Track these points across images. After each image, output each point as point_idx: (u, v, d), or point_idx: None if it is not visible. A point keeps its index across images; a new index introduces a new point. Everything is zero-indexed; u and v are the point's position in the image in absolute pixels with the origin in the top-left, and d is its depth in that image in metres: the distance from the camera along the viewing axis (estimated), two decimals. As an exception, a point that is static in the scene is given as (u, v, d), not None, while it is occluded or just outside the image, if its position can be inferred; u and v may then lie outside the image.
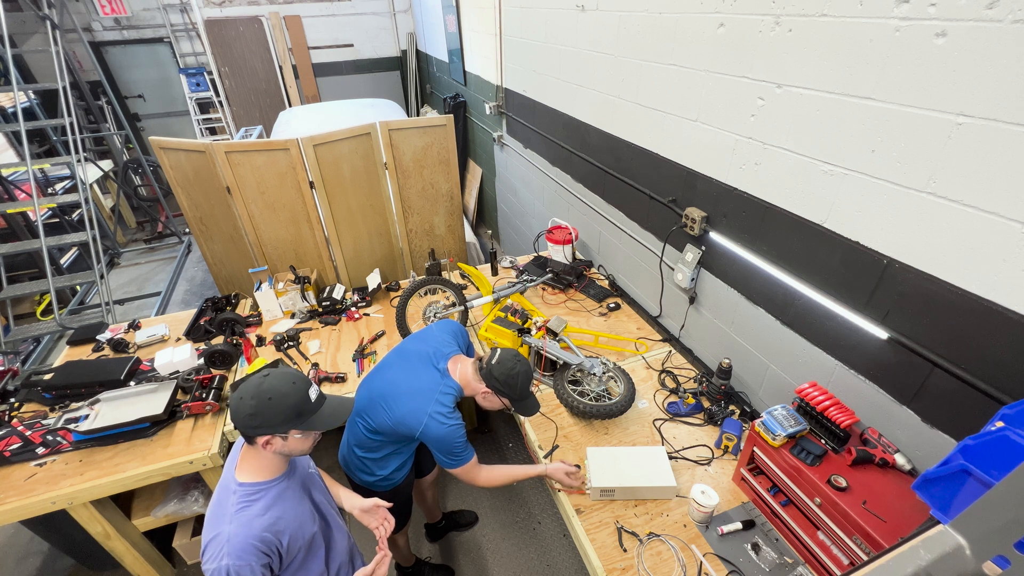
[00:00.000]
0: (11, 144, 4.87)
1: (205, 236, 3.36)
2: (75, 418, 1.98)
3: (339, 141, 3.03)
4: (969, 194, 1.09)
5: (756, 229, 1.71)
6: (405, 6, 7.05)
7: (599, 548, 1.49)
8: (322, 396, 1.27)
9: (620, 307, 2.63)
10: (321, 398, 1.26)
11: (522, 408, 1.66)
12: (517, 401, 1.62)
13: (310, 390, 1.22)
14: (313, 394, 1.23)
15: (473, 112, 4.96)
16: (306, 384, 1.23)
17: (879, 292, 1.34)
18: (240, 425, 1.16)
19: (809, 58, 1.38)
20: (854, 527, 1.22)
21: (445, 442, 1.58)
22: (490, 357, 1.62)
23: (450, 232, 3.78)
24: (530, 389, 1.64)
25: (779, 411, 1.48)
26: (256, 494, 1.23)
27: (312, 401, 1.22)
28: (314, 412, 1.22)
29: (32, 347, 4.01)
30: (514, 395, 1.60)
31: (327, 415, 1.25)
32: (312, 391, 1.23)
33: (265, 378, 1.19)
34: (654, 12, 1.96)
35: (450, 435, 1.57)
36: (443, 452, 1.61)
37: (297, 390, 1.19)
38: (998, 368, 1.12)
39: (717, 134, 1.77)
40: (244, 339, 2.54)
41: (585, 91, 2.63)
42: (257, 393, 1.16)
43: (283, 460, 1.29)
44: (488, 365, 1.60)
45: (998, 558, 0.54)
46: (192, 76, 6.42)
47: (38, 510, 1.80)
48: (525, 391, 1.61)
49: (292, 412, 1.17)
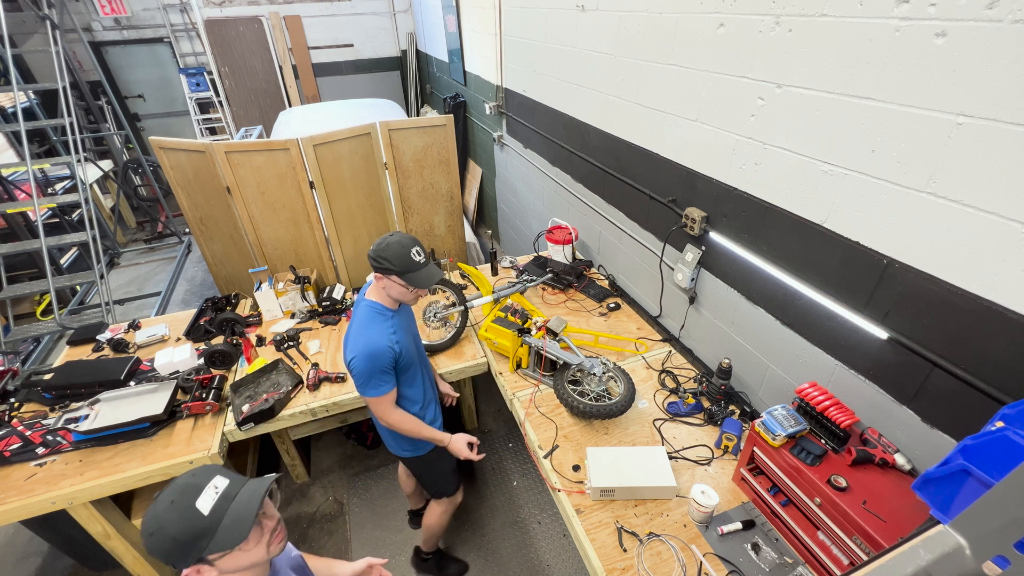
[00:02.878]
0: (11, 144, 4.87)
1: (205, 236, 3.36)
2: (75, 418, 1.98)
3: (339, 141, 3.03)
4: (969, 194, 1.09)
5: (756, 229, 1.71)
6: (405, 6, 7.05)
7: (599, 548, 1.49)
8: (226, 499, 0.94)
9: (620, 307, 2.63)
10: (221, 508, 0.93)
11: (414, 280, 1.60)
12: (403, 274, 1.58)
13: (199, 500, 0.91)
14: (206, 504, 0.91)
15: (473, 112, 4.96)
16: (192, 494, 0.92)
17: (879, 292, 1.34)
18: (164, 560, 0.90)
19: (809, 58, 1.38)
20: (854, 527, 1.22)
21: (360, 359, 1.58)
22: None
23: (450, 232, 3.78)
24: (415, 258, 1.59)
25: (779, 411, 1.48)
26: None
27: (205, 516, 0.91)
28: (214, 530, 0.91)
29: (32, 347, 4.01)
30: (393, 267, 1.56)
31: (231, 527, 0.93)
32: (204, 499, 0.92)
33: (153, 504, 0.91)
34: (654, 12, 1.96)
35: (365, 352, 1.57)
36: (358, 373, 1.61)
37: (176, 510, 0.90)
38: (998, 368, 1.12)
39: (717, 134, 1.77)
40: (244, 339, 2.54)
41: (585, 91, 2.63)
42: (144, 533, 0.89)
43: (250, 573, 1.00)
44: (368, 253, 1.61)
45: (998, 558, 0.54)
46: (192, 76, 6.42)
47: (38, 510, 1.80)
48: (403, 259, 1.56)
49: (182, 545, 0.89)
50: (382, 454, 3.04)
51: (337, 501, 2.78)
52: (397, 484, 2.83)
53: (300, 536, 2.59)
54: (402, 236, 1.62)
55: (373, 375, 1.62)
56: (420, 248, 1.64)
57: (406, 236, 1.63)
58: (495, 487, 2.81)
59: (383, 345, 1.61)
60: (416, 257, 1.60)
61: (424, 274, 1.63)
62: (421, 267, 1.62)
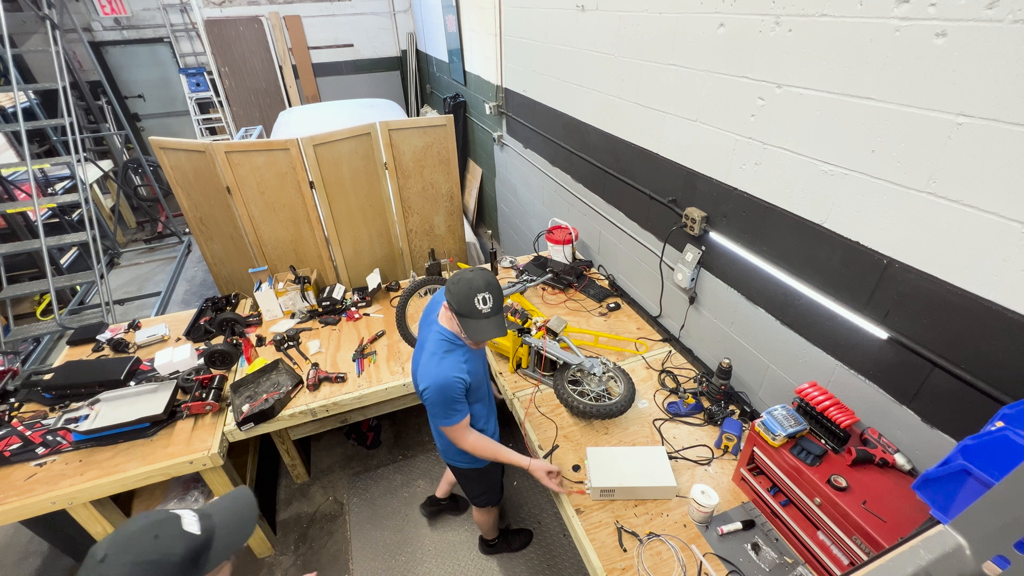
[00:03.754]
0: (11, 144, 4.87)
1: (205, 236, 3.36)
2: (75, 418, 1.98)
3: (339, 141, 3.03)
4: (969, 194, 1.09)
5: (756, 229, 1.71)
6: (405, 6, 7.05)
7: (599, 548, 1.49)
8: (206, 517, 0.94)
9: (620, 307, 2.63)
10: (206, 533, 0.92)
11: (468, 328, 1.47)
12: (460, 316, 1.46)
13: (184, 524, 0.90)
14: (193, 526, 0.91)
15: (473, 112, 4.96)
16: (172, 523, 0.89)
17: (879, 292, 1.34)
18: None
19: (809, 58, 1.38)
20: (854, 527, 1.22)
21: (433, 391, 1.51)
22: None
23: (450, 232, 3.78)
24: (477, 306, 1.44)
25: (779, 411, 1.48)
26: None
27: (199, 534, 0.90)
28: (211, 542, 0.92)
29: (32, 347, 4.01)
30: (454, 306, 1.45)
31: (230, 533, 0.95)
32: (188, 523, 0.91)
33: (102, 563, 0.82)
34: (654, 12, 1.96)
35: (437, 385, 1.51)
36: (432, 403, 1.55)
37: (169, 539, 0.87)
38: (998, 368, 1.12)
39: (717, 134, 1.77)
40: (244, 339, 2.54)
41: (585, 91, 2.63)
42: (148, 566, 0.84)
43: None
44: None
45: (998, 558, 0.54)
46: (192, 76, 6.42)
47: (38, 510, 1.80)
48: (464, 302, 1.43)
49: (184, 569, 0.87)
50: (382, 454, 3.04)
51: (337, 501, 2.78)
52: (397, 484, 2.83)
53: (300, 536, 2.59)
54: (476, 276, 1.47)
55: (446, 406, 1.56)
56: (491, 296, 1.46)
57: (480, 276, 1.47)
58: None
59: (452, 377, 1.53)
60: (480, 305, 1.44)
61: (481, 326, 1.47)
62: (482, 317, 1.46)
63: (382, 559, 2.48)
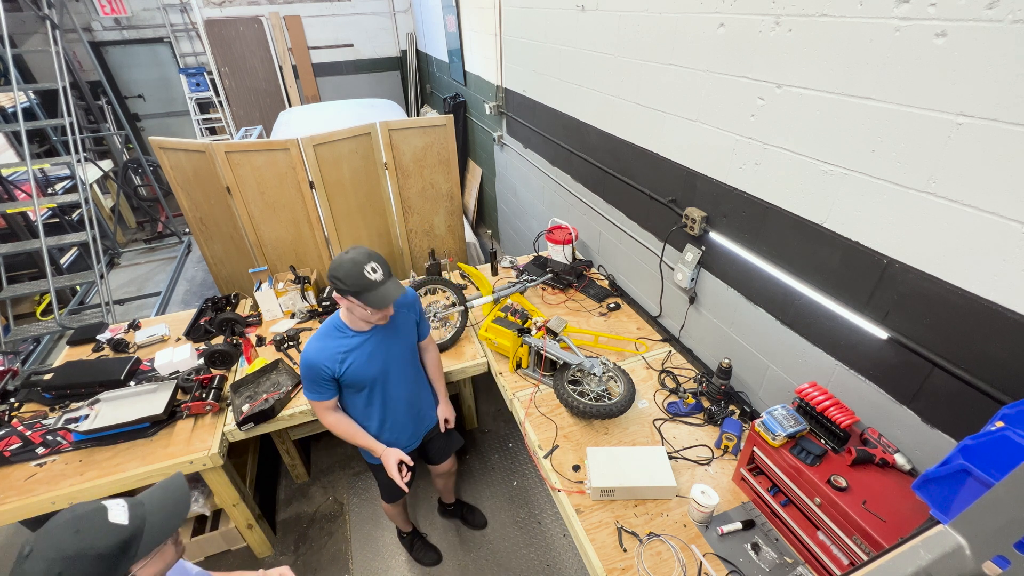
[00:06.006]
0: (11, 144, 4.87)
1: (205, 236, 3.36)
2: (75, 418, 1.98)
3: (339, 141, 3.03)
4: (969, 194, 1.09)
5: (756, 229, 1.71)
6: (405, 6, 7.05)
7: (599, 548, 1.49)
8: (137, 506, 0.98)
9: (620, 307, 2.63)
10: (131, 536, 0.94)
11: (370, 300, 1.49)
12: (359, 294, 1.48)
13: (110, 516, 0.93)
14: (121, 516, 0.94)
15: (473, 112, 4.96)
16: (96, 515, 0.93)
17: (879, 292, 1.34)
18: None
19: (809, 58, 1.38)
20: (854, 527, 1.22)
21: (303, 366, 1.63)
22: None
23: (450, 232, 3.78)
24: (369, 276, 1.47)
25: (779, 411, 1.48)
26: None
27: (126, 524, 0.93)
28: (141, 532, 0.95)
29: (32, 347, 4.01)
30: (348, 287, 1.47)
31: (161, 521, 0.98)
32: (115, 514, 0.94)
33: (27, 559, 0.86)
34: (654, 12, 1.96)
35: (307, 362, 1.62)
36: (302, 375, 1.67)
37: (90, 532, 0.90)
38: (998, 368, 1.12)
39: (717, 134, 1.77)
40: (244, 339, 2.54)
41: (585, 91, 2.63)
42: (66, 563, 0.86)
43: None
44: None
45: (998, 558, 0.54)
46: (192, 76, 6.42)
47: (38, 510, 1.80)
48: (357, 278, 1.46)
49: (109, 560, 0.90)
50: (378, 454, 3.04)
51: (337, 501, 2.78)
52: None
53: (300, 536, 2.59)
54: (357, 252, 1.51)
55: (309, 381, 1.66)
56: (377, 263, 1.51)
57: (361, 251, 1.52)
58: (495, 487, 2.81)
59: (320, 362, 1.61)
60: (371, 275, 1.48)
61: (382, 292, 1.50)
62: (378, 285, 1.49)
63: (382, 559, 2.48)
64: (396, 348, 1.79)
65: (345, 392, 1.74)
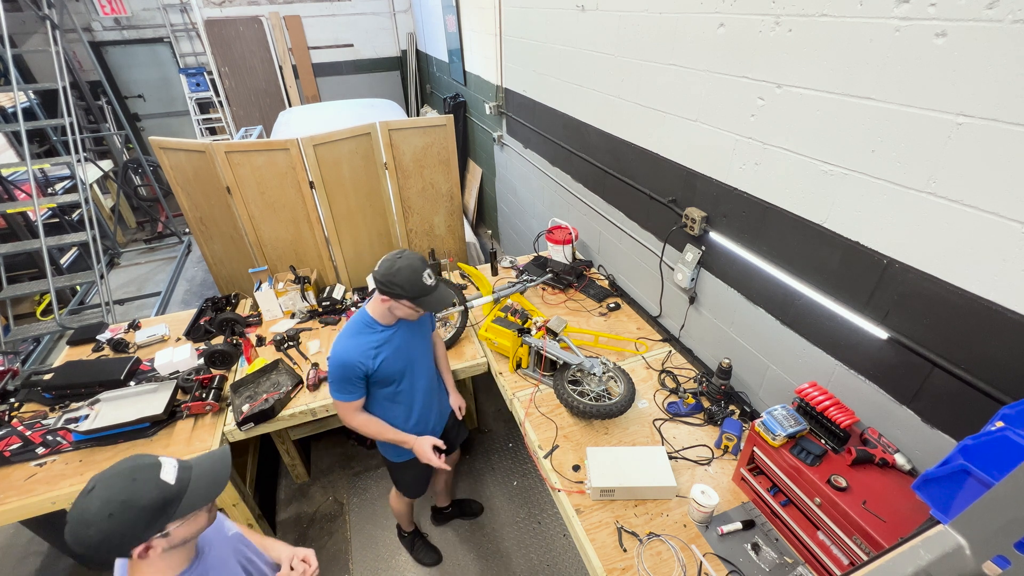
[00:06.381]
0: (11, 144, 4.87)
1: (205, 236, 3.36)
2: (75, 418, 1.98)
3: (339, 141, 3.03)
4: (969, 194, 1.09)
5: (756, 229, 1.71)
6: (405, 6, 7.05)
7: (599, 548, 1.49)
8: (185, 469, 1.03)
9: (620, 307, 2.63)
10: (185, 472, 1.02)
11: (425, 304, 1.58)
12: (415, 299, 1.55)
13: (162, 473, 0.98)
14: (170, 475, 0.99)
15: (473, 112, 4.96)
16: (152, 470, 0.97)
17: (879, 292, 1.34)
18: (95, 554, 0.89)
19: (809, 58, 1.38)
20: (854, 527, 1.22)
21: (334, 365, 1.62)
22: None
23: (450, 232, 3.78)
24: (426, 282, 1.55)
25: (779, 411, 1.48)
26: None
27: (172, 484, 0.97)
28: (183, 493, 0.99)
29: (32, 347, 4.01)
30: (404, 292, 1.53)
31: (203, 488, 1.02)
32: (167, 472, 0.98)
33: (89, 494, 0.92)
34: (654, 12, 1.96)
35: (339, 360, 1.60)
36: (331, 375, 1.65)
37: (144, 484, 0.94)
38: (998, 368, 1.12)
39: (717, 134, 1.77)
40: (244, 339, 2.54)
41: (585, 91, 2.63)
42: (96, 518, 0.89)
43: (182, 553, 1.05)
44: (374, 274, 1.57)
45: (998, 558, 0.54)
46: (192, 76, 6.42)
47: (38, 510, 1.80)
48: (415, 284, 1.53)
49: (152, 513, 0.93)
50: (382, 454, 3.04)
51: (337, 501, 2.78)
52: (397, 484, 2.83)
53: (300, 536, 2.59)
54: (411, 259, 1.57)
55: (340, 381, 1.65)
56: (429, 271, 1.59)
57: (416, 258, 1.58)
58: (495, 487, 2.81)
59: (354, 359, 1.61)
60: (427, 281, 1.57)
61: (436, 298, 1.60)
62: (432, 290, 1.58)
63: (382, 559, 2.48)
64: (417, 339, 1.82)
65: (372, 389, 1.74)
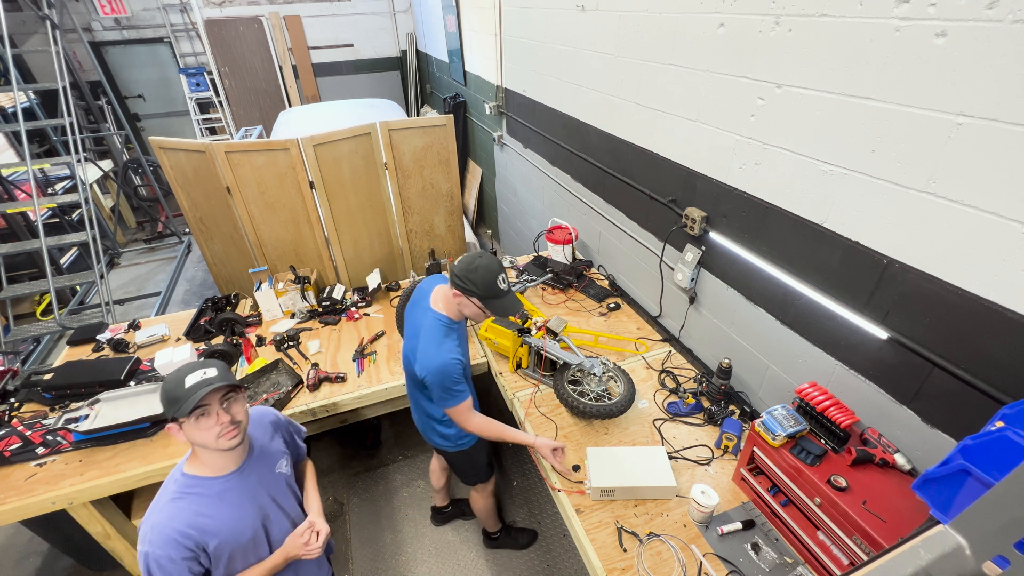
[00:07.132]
0: (11, 144, 4.87)
1: (205, 236, 3.36)
2: (75, 418, 1.98)
3: (339, 141, 3.03)
4: (969, 194, 1.09)
5: (756, 229, 1.71)
6: (405, 6, 7.05)
7: (599, 548, 1.49)
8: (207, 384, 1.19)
9: (620, 307, 2.63)
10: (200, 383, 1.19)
11: (494, 307, 1.61)
12: (485, 299, 1.58)
13: (189, 376, 1.18)
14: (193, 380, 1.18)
15: (473, 112, 4.96)
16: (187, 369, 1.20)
17: (879, 292, 1.34)
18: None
19: (809, 58, 1.38)
20: (854, 527, 1.22)
21: (435, 376, 1.60)
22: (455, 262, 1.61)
23: (450, 232, 3.78)
24: (500, 286, 1.58)
25: (779, 411, 1.48)
26: (195, 488, 1.23)
27: (186, 388, 1.17)
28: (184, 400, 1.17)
29: (32, 347, 4.01)
30: (477, 291, 1.56)
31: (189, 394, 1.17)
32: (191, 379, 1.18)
33: (179, 371, 1.21)
34: (654, 12, 1.96)
35: (439, 369, 1.59)
36: (435, 387, 1.63)
37: (173, 383, 1.17)
38: (998, 368, 1.12)
39: (717, 134, 1.77)
40: (244, 339, 2.54)
41: (585, 91, 2.63)
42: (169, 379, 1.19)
43: (231, 458, 1.27)
44: (451, 268, 1.60)
45: (998, 558, 0.54)
46: (192, 76, 6.42)
47: (38, 510, 1.80)
48: (490, 286, 1.56)
49: (168, 403, 1.17)
50: (382, 454, 3.04)
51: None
52: (397, 484, 2.83)
53: (300, 536, 2.59)
54: (491, 261, 1.60)
55: (448, 388, 1.63)
56: (504, 275, 1.62)
57: (495, 262, 1.60)
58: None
59: (451, 359, 1.61)
60: (502, 285, 1.59)
61: (506, 303, 1.62)
62: (504, 295, 1.61)
63: (382, 559, 2.48)
64: (465, 329, 1.86)
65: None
